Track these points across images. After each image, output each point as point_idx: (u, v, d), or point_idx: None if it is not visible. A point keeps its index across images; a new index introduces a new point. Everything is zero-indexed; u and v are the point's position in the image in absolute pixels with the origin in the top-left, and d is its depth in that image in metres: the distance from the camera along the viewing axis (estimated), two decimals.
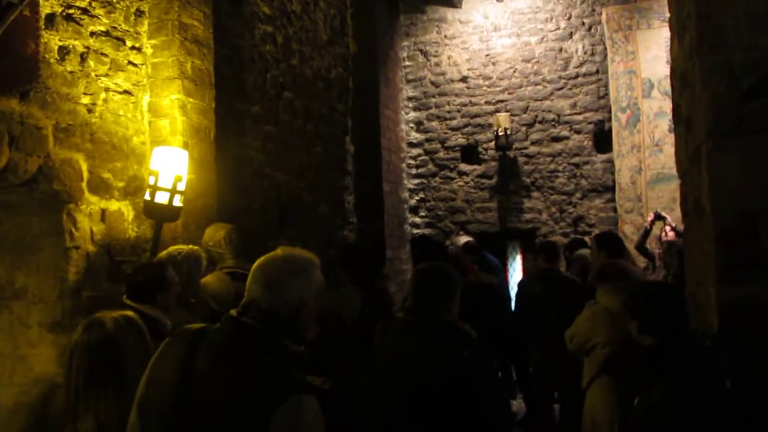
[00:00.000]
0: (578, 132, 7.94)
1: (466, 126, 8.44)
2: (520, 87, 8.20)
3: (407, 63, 8.74)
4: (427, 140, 8.61)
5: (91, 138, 3.51)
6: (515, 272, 8.35)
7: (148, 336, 2.11)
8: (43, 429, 2.83)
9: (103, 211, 3.55)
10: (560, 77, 8.03)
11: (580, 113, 7.94)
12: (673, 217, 6.19)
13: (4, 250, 3.37)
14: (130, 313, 2.15)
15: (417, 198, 8.61)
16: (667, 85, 6.76)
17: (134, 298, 2.76)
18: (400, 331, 2.63)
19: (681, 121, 2.87)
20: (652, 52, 7.44)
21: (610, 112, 7.64)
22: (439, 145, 8.55)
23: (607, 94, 7.72)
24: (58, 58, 3.34)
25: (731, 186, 2.19)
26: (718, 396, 2.17)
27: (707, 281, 2.35)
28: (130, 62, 3.83)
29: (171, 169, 3.55)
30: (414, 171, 8.64)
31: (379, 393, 2.57)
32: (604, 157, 7.78)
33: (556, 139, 8.01)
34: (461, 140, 8.45)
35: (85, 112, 3.48)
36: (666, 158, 7.05)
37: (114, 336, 1.98)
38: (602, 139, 7.81)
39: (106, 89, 3.64)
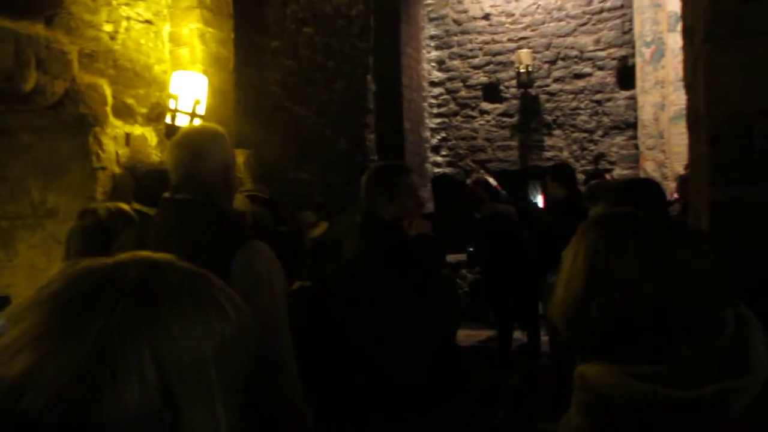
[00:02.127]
0: (601, 68, 7.86)
1: (488, 64, 8.40)
2: (543, 23, 8.11)
3: (429, 1, 8.66)
4: (449, 79, 8.59)
5: (114, 64, 3.64)
6: None
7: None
8: None
9: (128, 136, 3.71)
10: (584, 12, 7.91)
11: (603, 49, 7.84)
12: None
13: (36, 172, 3.57)
14: (123, 204, 2.31)
15: (438, 137, 8.65)
16: None
17: (142, 201, 2.79)
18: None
19: (688, 34, 2.89)
20: None
21: (634, 47, 7.53)
22: (460, 84, 8.53)
23: (631, 29, 7.60)
24: None
25: (725, 89, 2.22)
26: None
27: (702, 186, 2.42)
28: None
29: (190, 93, 3.68)
30: (435, 110, 8.66)
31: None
32: (627, 93, 7.71)
33: (579, 76, 7.94)
34: (483, 78, 8.42)
35: (107, 39, 3.61)
36: None
37: (106, 221, 2.14)
38: (625, 76, 7.71)
39: (128, 18, 3.76)
